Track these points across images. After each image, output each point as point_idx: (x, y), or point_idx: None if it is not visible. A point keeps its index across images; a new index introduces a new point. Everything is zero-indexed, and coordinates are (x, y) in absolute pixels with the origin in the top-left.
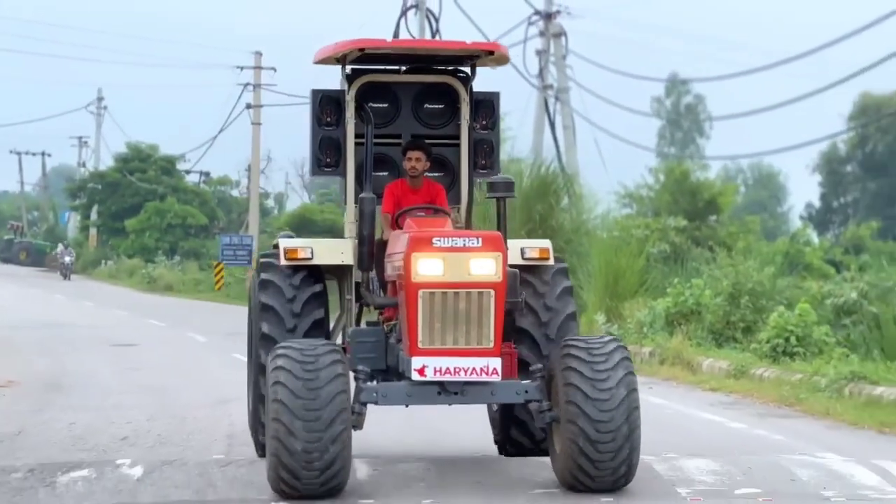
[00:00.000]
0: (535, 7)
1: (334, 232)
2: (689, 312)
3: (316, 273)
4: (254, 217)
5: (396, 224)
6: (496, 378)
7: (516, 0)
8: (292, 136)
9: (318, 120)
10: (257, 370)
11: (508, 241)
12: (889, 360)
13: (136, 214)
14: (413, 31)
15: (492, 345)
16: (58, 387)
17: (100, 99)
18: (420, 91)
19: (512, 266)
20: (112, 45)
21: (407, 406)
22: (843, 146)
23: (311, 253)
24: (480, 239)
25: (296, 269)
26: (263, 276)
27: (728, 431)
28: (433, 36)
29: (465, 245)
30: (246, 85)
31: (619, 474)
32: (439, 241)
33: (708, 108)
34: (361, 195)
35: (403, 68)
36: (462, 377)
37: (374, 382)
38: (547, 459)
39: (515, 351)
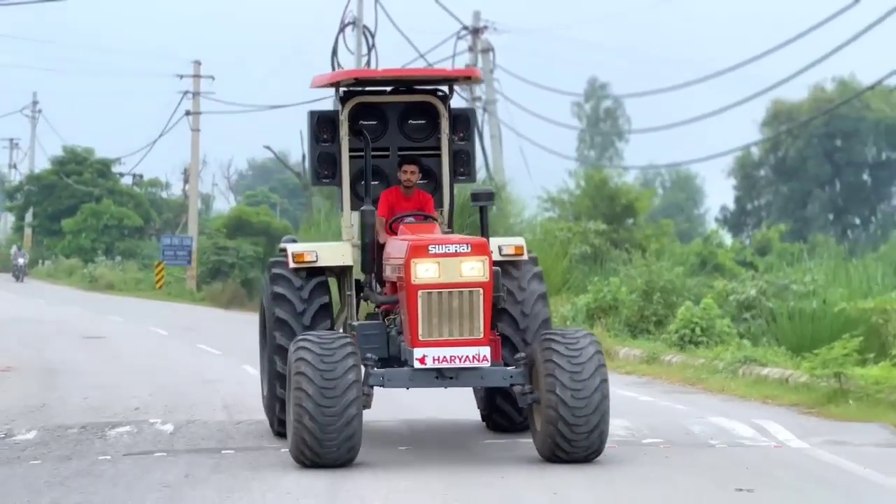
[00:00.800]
0: (462, 23)
1: (269, 233)
2: (607, 307)
3: (319, 272)
4: (193, 218)
5: (390, 228)
6: (486, 364)
7: (447, 16)
8: (221, 140)
9: (315, 137)
10: (272, 351)
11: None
12: (782, 347)
13: (73, 216)
14: (350, 46)
15: (481, 335)
16: (54, 371)
17: (34, 103)
18: (405, 109)
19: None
20: (48, 54)
21: (408, 388)
22: (757, 151)
23: (316, 256)
24: (469, 245)
25: (308, 276)
26: (274, 271)
27: (639, 403)
28: (369, 51)
29: (456, 251)
30: (185, 93)
31: (592, 450)
32: (434, 248)
33: (627, 111)
34: (362, 208)
35: (389, 89)
36: (457, 364)
37: (381, 368)
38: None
39: (499, 337)
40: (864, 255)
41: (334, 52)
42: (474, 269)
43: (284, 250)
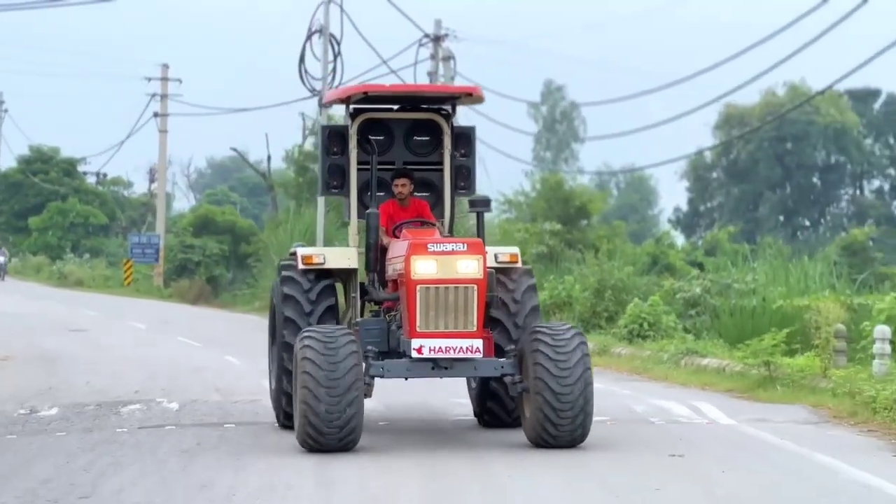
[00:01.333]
0: (424, 31)
1: (234, 232)
2: (562, 303)
3: (326, 276)
4: (161, 218)
5: (393, 234)
6: (478, 355)
7: (411, 24)
8: (185, 141)
9: (326, 150)
10: (280, 348)
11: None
12: (723, 340)
13: (39, 214)
14: (317, 53)
15: (475, 328)
16: (51, 360)
17: (0, 102)
18: (410, 126)
19: (489, 268)
20: (14, 55)
21: (407, 379)
22: (710, 154)
23: (324, 259)
24: (466, 244)
25: (315, 278)
26: (284, 273)
27: None
28: (335, 58)
29: (453, 249)
30: (153, 95)
31: (576, 435)
32: (433, 246)
33: (582, 113)
34: (368, 211)
35: (396, 107)
36: (451, 355)
37: (381, 360)
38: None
39: (492, 335)
40: (812, 255)
41: (301, 59)
42: (469, 267)
43: (294, 254)
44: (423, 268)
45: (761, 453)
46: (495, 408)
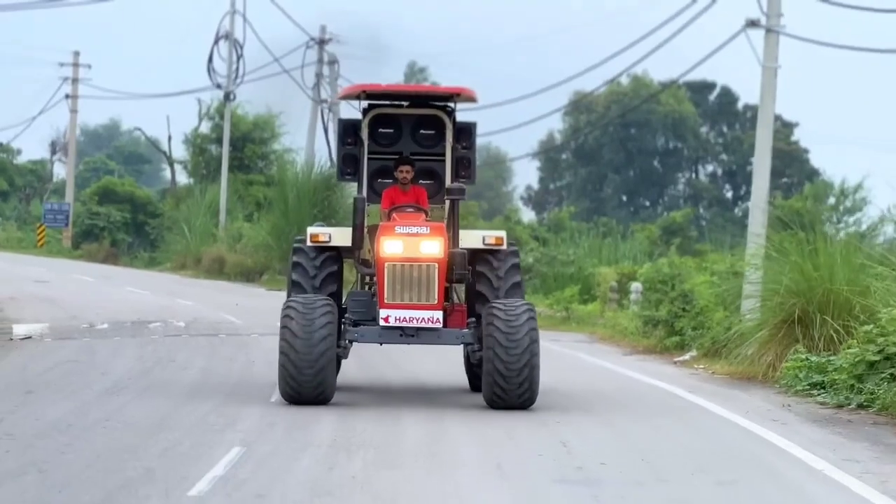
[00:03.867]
0: (310, 34)
1: (133, 201)
2: None
3: (335, 255)
4: (70, 186)
5: (389, 217)
6: (438, 325)
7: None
8: (92, 120)
9: (341, 140)
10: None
11: (473, 230)
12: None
13: None
14: (223, 55)
15: (436, 301)
16: (49, 300)
17: None
18: (417, 121)
19: (475, 249)
20: None
21: (381, 344)
22: (559, 136)
23: (329, 237)
24: (429, 228)
25: (320, 250)
26: (296, 246)
27: None
28: (238, 60)
29: (417, 232)
30: (66, 79)
31: (524, 398)
32: (400, 228)
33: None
34: (355, 196)
35: (406, 104)
36: (414, 324)
37: (357, 327)
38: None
39: (464, 307)
40: (632, 234)
41: (210, 60)
42: (432, 248)
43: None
44: (391, 247)
45: (554, 359)
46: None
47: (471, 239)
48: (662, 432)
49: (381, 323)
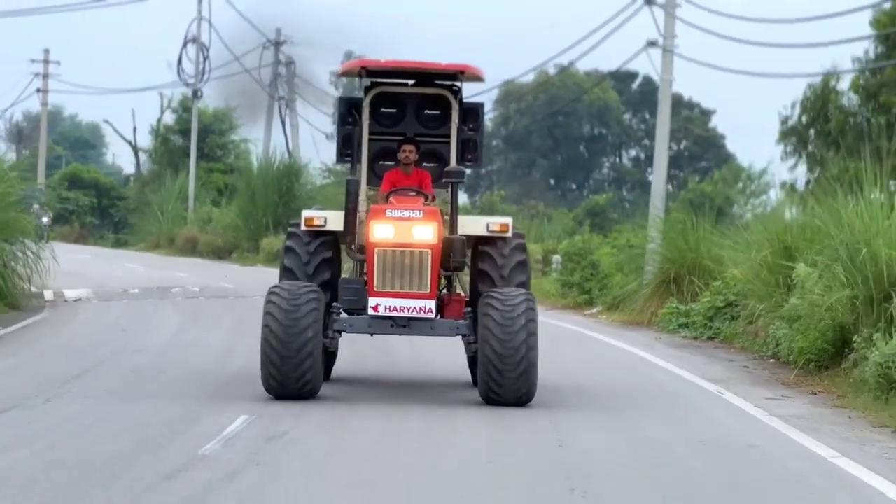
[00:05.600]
0: (266, 36)
1: (97, 187)
2: None
3: (331, 240)
4: (41, 172)
5: (387, 200)
6: (430, 315)
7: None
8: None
9: (342, 120)
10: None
11: (476, 216)
12: None
13: None
14: (191, 57)
15: (428, 290)
16: (69, 273)
17: None
18: (421, 100)
19: (479, 236)
20: None
21: (372, 335)
22: (490, 124)
23: (325, 221)
24: (422, 212)
25: (315, 235)
26: (290, 230)
27: None
28: (204, 61)
29: (410, 216)
30: (37, 74)
31: (521, 392)
32: (391, 212)
33: None
34: (347, 177)
35: (411, 82)
36: (405, 314)
37: (346, 316)
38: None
39: (462, 297)
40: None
41: (179, 62)
42: (425, 233)
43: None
44: (381, 232)
45: None
46: None
47: (473, 225)
48: (570, 355)
49: (370, 312)
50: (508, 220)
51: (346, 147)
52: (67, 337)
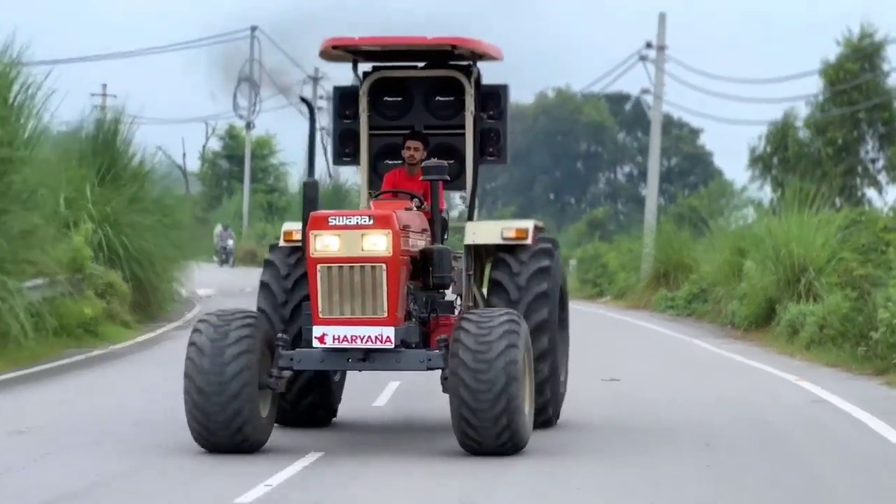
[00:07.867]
0: (306, 73)
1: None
2: None
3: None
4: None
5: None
6: (389, 346)
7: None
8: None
9: (338, 114)
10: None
11: (491, 221)
12: None
13: None
14: (244, 94)
15: (385, 314)
16: None
17: None
18: (431, 85)
19: (495, 245)
20: None
21: (333, 374)
22: None
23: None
24: (373, 218)
25: (295, 249)
26: (272, 243)
27: None
28: (256, 97)
29: (357, 223)
30: (95, 106)
31: (503, 439)
32: (335, 219)
33: None
34: (304, 180)
35: (421, 65)
36: (358, 344)
37: (290, 350)
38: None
39: (453, 320)
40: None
41: (234, 97)
42: (377, 244)
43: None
44: (324, 244)
45: None
46: None
47: (486, 232)
48: (588, 325)
49: (315, 343)
50: (528, 224)
51: (345, 146)
52: None
